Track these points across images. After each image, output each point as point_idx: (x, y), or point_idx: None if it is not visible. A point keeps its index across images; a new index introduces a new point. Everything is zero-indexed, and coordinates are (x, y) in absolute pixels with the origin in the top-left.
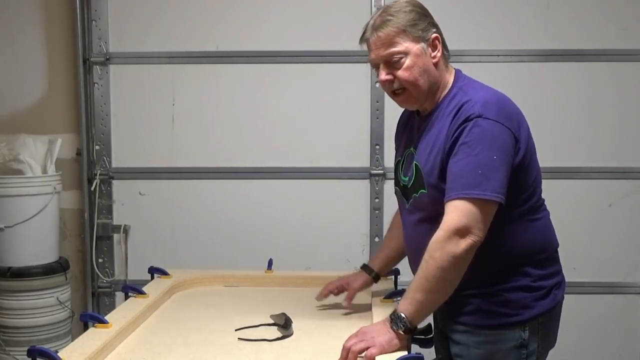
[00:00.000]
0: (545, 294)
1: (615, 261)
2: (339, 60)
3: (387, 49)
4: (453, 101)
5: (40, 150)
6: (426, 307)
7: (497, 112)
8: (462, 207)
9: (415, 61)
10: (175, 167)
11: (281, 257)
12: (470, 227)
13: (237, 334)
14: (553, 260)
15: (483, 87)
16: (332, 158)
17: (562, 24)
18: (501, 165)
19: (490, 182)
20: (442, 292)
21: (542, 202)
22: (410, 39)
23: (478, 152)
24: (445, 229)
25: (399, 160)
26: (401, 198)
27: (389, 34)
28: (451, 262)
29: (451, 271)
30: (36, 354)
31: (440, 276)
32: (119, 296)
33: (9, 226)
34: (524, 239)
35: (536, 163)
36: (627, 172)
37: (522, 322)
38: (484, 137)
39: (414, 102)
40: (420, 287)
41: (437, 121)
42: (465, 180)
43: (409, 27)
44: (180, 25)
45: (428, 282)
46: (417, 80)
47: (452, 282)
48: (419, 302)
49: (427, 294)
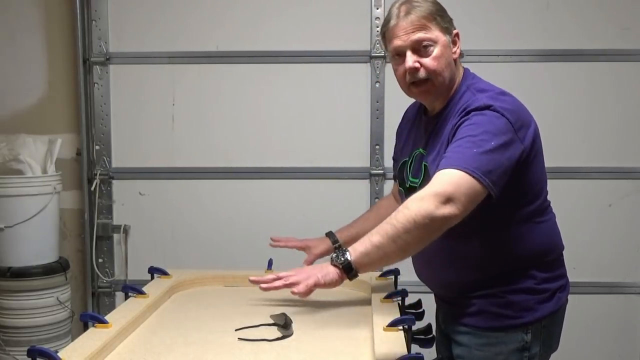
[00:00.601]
0: (549, 297)
1: (615, 261)
2: (339, 60)
3: (419, 33)
4: (462, 100)
5: (40, 150)
6: (376, 255)
7: (505, 108)
8: (450, 176)
9: (443, 52)
10: (175, 167)
11: (281, 257)
12: (453, 197)
13: (237, 334)
14: (558, 263)
15: (493, 87)
16: (332, 158)
17: (562, 24)
18: (497, 155)
19: (482, 164)
20: (400, 248)
21: (548, 204)
22: (439, 28)
23: (478, 134)
24: (427, 190)
25: (405, 161)
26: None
27: (420, 18)
28: (425, 219)
29: (420, 229)
30: (36, 354)
31: (406, 227)
32: (119, 296)
33: (9, 226)
34: (530, 241)
35: (542, 165)
36: (627, 172)
37: (525, 325)
38: (488, 124)
39: (433, 95)
40: (382, 231)
41: (446, 121)
42: (459, 155)
43: (439, 16)
44: (180, 25)
45: (392, 228)
46: (442, 71)
47: (416, 243)
48: (372, 244)
49: (385, 239)
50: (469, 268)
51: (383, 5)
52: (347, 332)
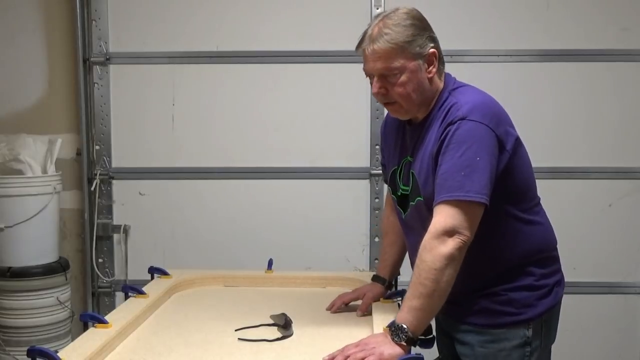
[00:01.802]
0: (548, 292)
1: (615, 261)
2: (339, 60)
3: (383, 64)
4: (444, 105)
5: (40, 150)
6: (425, 313)
7: (482, 114)
8: (447, 209)
9: (411, 77)
10: (175, 167)
11: (281, 257)
12: (456, 228)
13: (237, 334)
14: (553, 258)
15: (470, 90)
16: (332, 158)
17: (562, 24)
18: (485, 166)
19: (474, 183)
20: (438, 295)
21: (537, 201)
22: (407, 56)
23: (461, 154)
24: (432, 232)
25: (396, 169)
26: (397, 208)
27: (385, 50)
28: (442, 262)
29: (444, 271)
30: (36, 354)
31: (433, 278)
32: (119, 296)
33: (9, 226)
34: (526, 239)
35: (527, 164)
36: (627, 172)
37: (527, 321)
38: (467, 138)
39: (404, 114)
40: (417, 293)
41: (430, 129)
42: (449, 183)
43: (406, 44)
44: (180, 25)
45: (423, 286)
46: (410, 95)
47: (447, 283)
48: (417, 309)
49: (424, 299)
50: (469, 268)
51: (383, 5)
52: (347, 332)
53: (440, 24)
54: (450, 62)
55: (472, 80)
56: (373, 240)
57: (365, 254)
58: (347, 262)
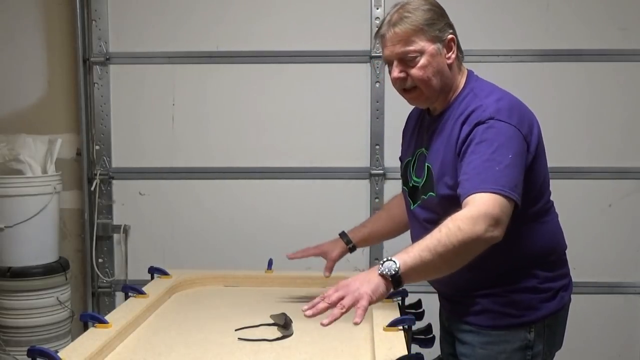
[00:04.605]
0: (552, 296)
1: (615, 261)
2: (339, 60)
3: (403, 47)
4: (464, 103)
5: (40, 150)
6: (424, 269)
7: (509, 115)
8: (489, 198)
9: (430, 61)
10: (175, 167)
11: (281, 257)
12: (500, 220)
13: (237, 334)
14: (561, 262)
15: (494, 90)
16: (332, 158)
17: (562, 24)
18: (516, 165)
19: (508, 180)
20: (447, 265)
21: (551, 204)
22: (426, 38)
23: (494, 150)
24: (478, 210)
25: (409, 161)
26: (407, 199)
27: (406, 31)
28: (475, 242)
29: (469, 251)
30: (36, 354)
31: (457, 249)
32: (119, 296)
33: (9, 226)
34: (533, 240)
35: (544, 165)
36: (627, 172)
37: (528, 324)
38: (499, 137)
39: (424, 101)
40: (432, 247)
41: (448, 123)
42: (483, 176)
43: (426, 26)
44: (180, 25)
45: (443, 247)
46: (430, 79)
47: (462, 262)
48: (420, 259)
49: (434, 257)
50: (472, 267)
51: (383, 5)
52: (347, 332)
53: None
54: None
55: None
56: None
57: (365, 254)
58: (347, 262)
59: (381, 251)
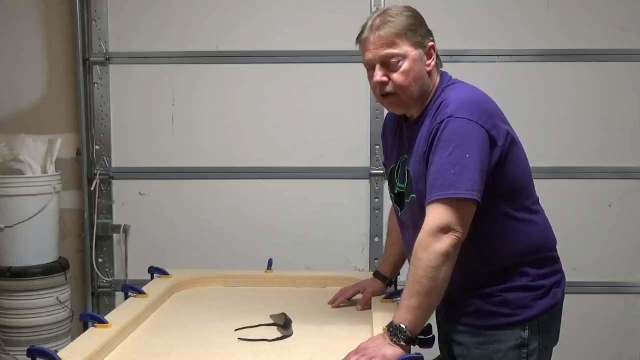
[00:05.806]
0: (545, 293)
1: (615, 261)
2: (339, 60)
3: (387, 50)
4: (436, 103)
5: (40, 150)
6: (423, 312)
7: (469, 111)
8: (440, 208)
9: (412, 66)
10: (175, 167)
11: (281, 257)
12: (450, 225)
13: (237, 334)
14: (552, 259)
15: (461, 87)
16: (332, 158)
17: (562, 24)
18: (475, 163)
19: (464, 181)
20: (435, 293)
21: (536, 201)
22: (410, 43)
23: (450, 152)
24: (426, 230)
25: (394, 167)
26: (395, 206)
27: (390, 35)
28: (438, 259)
29: (440, 269)
30: (36, 354)
31: (430, 276)
32: (119, 296)
33: (9, 226)
34: (521, 238)
35: (522, 161)
36: (627, 172)
37: (522, 322)
38: (455, 136)
39: (401, 107)
40: (413, 292)
41: (424, 127)
42: (440, 182)
43: (409, 32)
44: (180, 25)
45: (420, 284)
46: (410, 85)
47: (444, 280)
48: (414, 308)
49: (422, 297)
50: (463, 268)
51: (383, 5)
52: (347, 332)
53: (440, 24)
54: (450, 62)
55: (472, 80)
56: (373, 240)
57: (365, 254)
58: (347, 262)
59: (380, 250)
